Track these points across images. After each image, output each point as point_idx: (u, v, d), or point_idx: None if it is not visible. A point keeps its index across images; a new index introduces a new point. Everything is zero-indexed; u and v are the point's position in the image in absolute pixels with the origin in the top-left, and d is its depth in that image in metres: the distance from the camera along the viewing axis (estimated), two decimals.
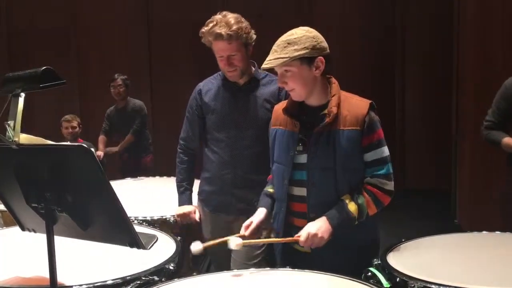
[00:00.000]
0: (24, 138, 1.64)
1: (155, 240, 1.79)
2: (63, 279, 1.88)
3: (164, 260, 2.14)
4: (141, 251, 1.69)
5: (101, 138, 5.92)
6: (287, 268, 2.13)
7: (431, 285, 1.92)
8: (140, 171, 5.39)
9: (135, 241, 1.65)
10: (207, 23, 2.67)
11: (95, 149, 4.85)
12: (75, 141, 5.50)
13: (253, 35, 2.71)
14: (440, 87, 7.16)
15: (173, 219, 2.92)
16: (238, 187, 2.74)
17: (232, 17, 2.64)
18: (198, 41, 2.71)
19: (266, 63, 2.21)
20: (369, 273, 2.08)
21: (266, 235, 2.41)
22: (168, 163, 3.65)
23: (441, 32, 7.04)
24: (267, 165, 2.54)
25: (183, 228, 2.89)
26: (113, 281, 1.94)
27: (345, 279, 1.98)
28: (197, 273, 2.43)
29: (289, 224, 2.33)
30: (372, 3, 7.56)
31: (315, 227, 2.17)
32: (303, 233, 2.17)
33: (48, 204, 1.63)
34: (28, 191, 1.67)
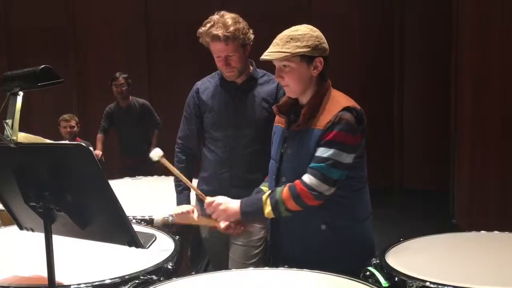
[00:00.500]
0: (22, 137, 1.64)
1: (153, 239, 1.80)
2: (61, 278, 1.88)
3: (162, 259, 2.14)
4: (140, 250, 1.69)
5: (100, 136, 5.86)
6: (286, 267, 2.13)
7: (429, 284, 1.92)
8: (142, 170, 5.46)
9: (133, 240, 1.65)
10: (204, 24, 2.65)
11: (93, 149, 4.85)
12: (73, 140, 5.49)
13: (251, 35, 2.70)
14: (438, 87, 7.17)
15: (171, 219, 2.91)
16: (235, 186, 2.73)
17: (229, 18, 2.63)
18: (197, 40, 2.70)
19: (266, 55, 2.22)
20: (368, 273, 2.08)
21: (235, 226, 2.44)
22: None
23: (439, 31, 7.05)
24: (264, 164, 2.54)
25: (181, 227, 2.88)
26: (112, 280, 1.94)
27: (344, 278, 1.98)
28: (195, 272, 2.43)
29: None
30: (371, 3, 7.56)
31: (224, 200, 2.32)
32: (213, 199, 2.33)
33: (46, 203, 1.63)
34: (26, 190, 1.67)
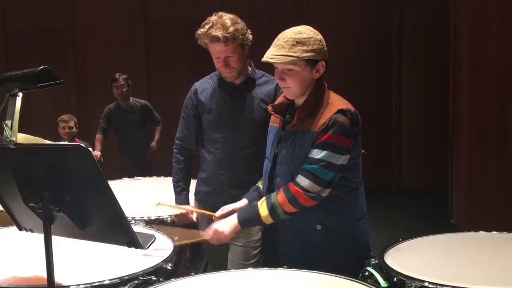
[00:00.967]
0: (21, 137, 1.64)
1: (152, 239, 1.80)
2: (60, 279, 1.88)
3: (161, 260, 2.14)
4: (139, 250, 1.69)
5: (99, 137, 5.86)
6: (285, 267, 2.13)
7: (428, 284, 1.93)
8: (145, 169, 5.49)
9: (133, 241, 1.66)
10: (203, 25, 2.65)
11: (92, 149, 4.84)
12: (72, 141, 5.48)
13: (249, 36, 2.70)
14: (436, 87, 7.17)
15: (170, 219, 2.92)
16: (234, 187, 2.74)
17: (228, 18, 2.63)
18: (195, 40, 2.70)
19: (271, 57, 2.18)
20: (367, 273, 2.08)
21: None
22: (165, 163, 3.65)
23: (438, 32, 7.06)
24: (262, 164, 2.54)
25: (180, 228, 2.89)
26: (111, 281, 1.93)
27: (343, 279, 1.99)
28: (194, 273, 2.44)
29: None
30: (369, 3, 7.57)
31: (221, 225, 2.32)
32: (210, 230, 2.34)
33: (45, 204, 1.63)
34: (25, 191, 1.67)
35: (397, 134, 7.68)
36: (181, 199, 2.90)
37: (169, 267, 2.09)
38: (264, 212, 2.23)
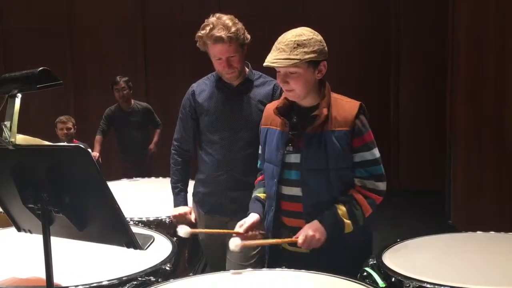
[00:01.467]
0: (20, 138, 1.64)
1: (151, 240, 1.80)
2: (59, 279, 1.88)
3: (160, 260, 2.14)
4: (137, 251, 1.69)
5: (98, 137, 5.86)
6: (283, 268, 2.13)
7: (426, 284, 1.93)
8: (144, 171, 5.50)
9: (131, 242, 1.66)
10: (203, 27, 2.65)
11: (90, 150, 4.84)
12: (70, 142, 5.47)
13: (248, 36, 2.70)
14: (434, 88, 7.18)
15: (168, 220, 2.92)
16: (232, 189, 2.74)
17: (227, 19, 2.63)
18: (193, 41, 2.70)
19: (274, 62, 2.17)
20: (365, 273, 2.09)
21: (261, 239, 2.41)
22: (163, 164, 3.65)
23: (435, 33, 7.07)
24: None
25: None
26: (109, 282, 1.94)
27: (341, 279, 1.99)
28: (193, 273, 2.44)
29: (279, 222, 2.35)
30: (367, 3, 7.57)
31: (312, 229, 2.19)
32: (302, 235, 2.18)
33: (44, 205, 1.63)
34: (24, 192, 1.67)
35: (395, 134, 7.69)
36: (179, 200, 2.89)
37: (167, 268, 2.09)
38: (347, 221, 2.22)
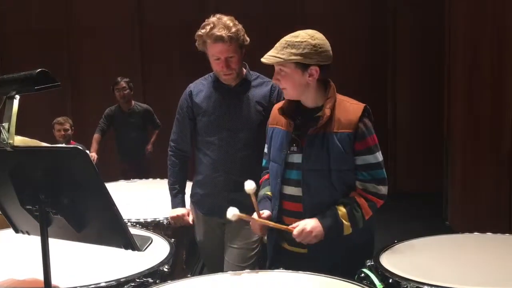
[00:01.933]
0: (18, 140, 1.64)
1: (149, 242, 1.80)
2: (57, 281, 1.88)
3: (158, 262, 2.14)
4: (135, 253, 1.69)
5: (97, 136, 5.87)
6: (281, 269, 2.14)
7: (423, 285, 1.94)
8: (142, 172, 5.51)
9: (129, 243, 1.65)
10: (203, 26, 2.65)
11: (88, 151, 4.84)
12: (67, 143, 5.46)
13: (246, 37, 2.70)
14: (431, 89, 7.20)
15: (166, 222, 2.91)
16: (230, 190, 2.73)
17: (228, 19, 2.63)
18: (190, 42, 2.70)
19: (263, 57, 2.24)
20: (362, 274, 2.09)
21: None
22: (162, 165, 3.65)
23: (432, 33, 7.08)
24: (259, 167, 2.54)
25: (176, 230, 2.89)
26: (107, 283, 1.94)
27: (339, 280, 1.99)
28: (191, 275, 2.44)
29: (281, 221, 2.35)
30: (363, 4, 7.58)
31: (311, 225, 2.19)
32: (299, 227, 2.20)
33: (42, 206, 1.63)
34: (22, 194, 1.67)
35: (392, 135, 7.71)
36: (177, 201, 2.89)
37: (165, 269, 2.09)
38: (346, 223, 2.22)
